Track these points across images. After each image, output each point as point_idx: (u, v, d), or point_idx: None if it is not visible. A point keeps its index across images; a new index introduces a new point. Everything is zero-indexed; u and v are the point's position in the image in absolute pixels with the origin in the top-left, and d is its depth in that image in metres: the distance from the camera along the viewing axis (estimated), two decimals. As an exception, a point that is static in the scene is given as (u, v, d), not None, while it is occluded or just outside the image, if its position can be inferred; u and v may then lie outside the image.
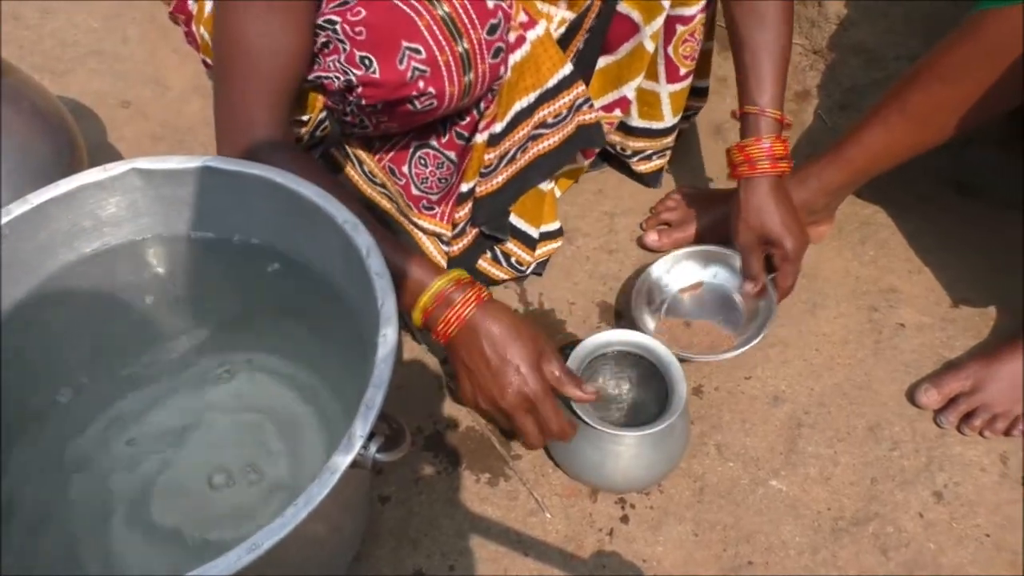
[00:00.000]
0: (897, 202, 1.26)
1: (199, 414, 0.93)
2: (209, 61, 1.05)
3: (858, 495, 0.96)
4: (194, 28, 1.04)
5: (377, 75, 0.80)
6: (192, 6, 1.04)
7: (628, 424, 0.91)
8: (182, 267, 0.87)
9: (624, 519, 0.94)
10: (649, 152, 1.21)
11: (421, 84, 0.81)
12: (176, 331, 0.92)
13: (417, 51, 0.79)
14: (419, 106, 0.84)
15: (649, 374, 0.95)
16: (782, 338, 1.10)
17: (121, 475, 0.88)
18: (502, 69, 0.88)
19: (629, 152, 1.22)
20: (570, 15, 0.98)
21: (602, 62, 1.10)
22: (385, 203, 1.03)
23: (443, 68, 0.81)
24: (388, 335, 0.65)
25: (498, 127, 0.96)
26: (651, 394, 0.95)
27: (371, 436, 0.62)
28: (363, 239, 0.72)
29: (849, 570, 0.90)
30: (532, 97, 0.98)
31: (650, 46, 1.05)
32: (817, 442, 1.00)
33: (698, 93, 1.20)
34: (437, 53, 0.80)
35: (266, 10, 0.80)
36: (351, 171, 1.03)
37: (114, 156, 1.31)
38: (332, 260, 0.79)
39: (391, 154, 0.99)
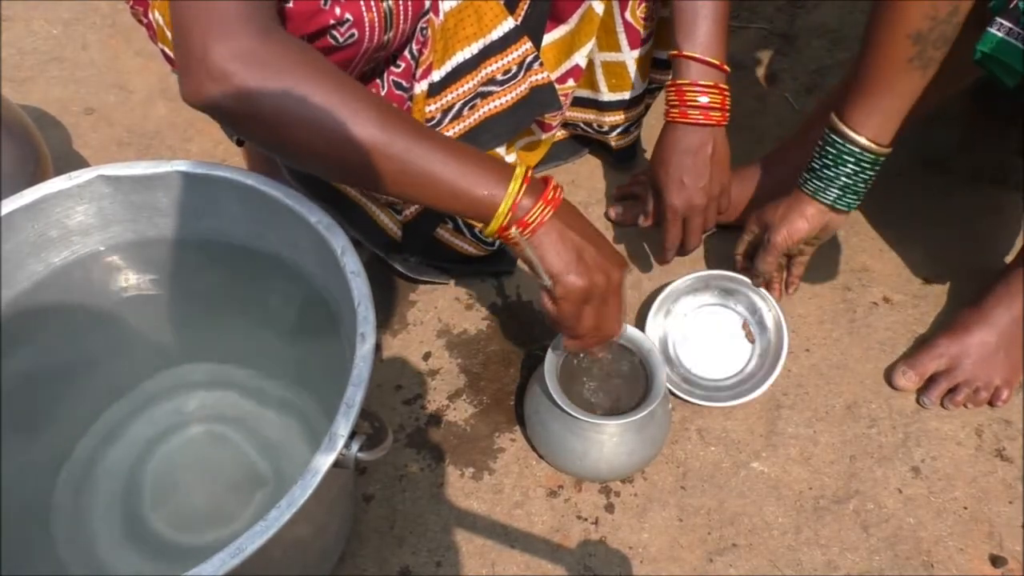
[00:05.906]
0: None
1: (179, 423, 0.92)
2: (168, 51, 1.03)
3: (838, 473, 0.97)
4: (151, 16, 1.02)
5: (291, 3, 0.79)
6: None
7: (609, 412, 0.91)
8: (155, 273, 0.86)
9: (609, 508, 0.94)
10: (627, 124, 1.21)
11: (337, 10, 0.78)
12: (152, 340, 0.92)
13: None
14: (340, 39, 0.81)
15: (629, 362, 0.95)
16: (758, 321, 1.11)
17: (101, 482, 0.87)
18: (427, 2, 0.87)
19: (606, 128, 1.21)
20: None
21: (556, 33, 1.08)
22: None
23: None
24: (366, 333, 0.65)
25: (436, 75, 0.94)
26: (631, 382, 0.95)
27: (352, 435, 0.62)
28: (338, 239, 0.71)
29: (832, 548, 0.91)
30: (475, 48, 0.96)
31: (599, 7, 1.03)
32: (797, 423, 1.01)
33: (662, 65, 1.19)
34: None
35: None
36: None
37: (80, 164, 1.29)
38: (307, 259, 0.78)
39: None
